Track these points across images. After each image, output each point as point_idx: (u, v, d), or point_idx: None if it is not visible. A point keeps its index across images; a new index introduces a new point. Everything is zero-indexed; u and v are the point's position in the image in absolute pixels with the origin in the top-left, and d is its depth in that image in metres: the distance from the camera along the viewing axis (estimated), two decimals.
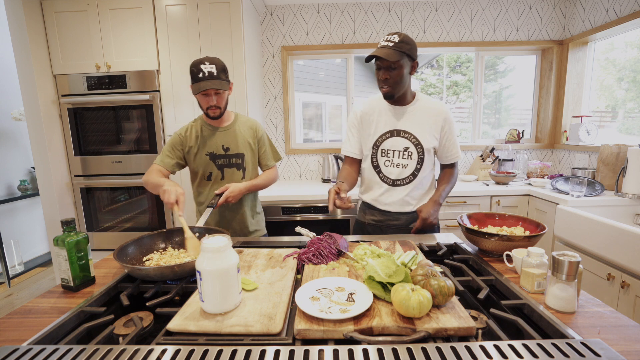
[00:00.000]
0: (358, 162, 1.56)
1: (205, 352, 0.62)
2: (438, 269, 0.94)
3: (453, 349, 0.61)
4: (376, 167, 1.48)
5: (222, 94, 1.46)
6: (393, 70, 1.31)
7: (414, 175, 1.45)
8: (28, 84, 2.28)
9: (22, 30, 2.22)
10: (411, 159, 1.44)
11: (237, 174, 1.58)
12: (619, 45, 2.63)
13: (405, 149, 1.43)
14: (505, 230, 1.20)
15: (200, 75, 1.39)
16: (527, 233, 1.16)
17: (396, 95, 1.38)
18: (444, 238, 1.33)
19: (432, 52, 3.16)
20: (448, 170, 1.56)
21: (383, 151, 1.46)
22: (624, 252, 1.67)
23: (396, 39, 1.29)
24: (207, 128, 1.56)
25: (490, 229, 1.22)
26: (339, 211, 2.48)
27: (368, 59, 1.32)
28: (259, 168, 1.69)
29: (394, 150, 1.44)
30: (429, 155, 1.45)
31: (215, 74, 1.40)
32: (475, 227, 1.21)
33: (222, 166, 1.56)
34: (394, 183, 1.46)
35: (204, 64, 1.40)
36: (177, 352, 0.62)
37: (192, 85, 1.43)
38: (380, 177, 1.48)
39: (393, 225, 1.50)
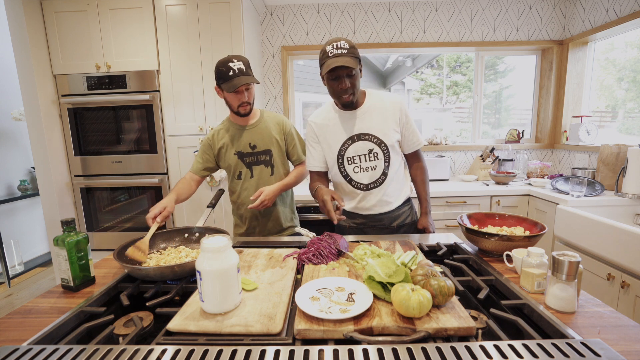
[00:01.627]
0: (325, 174, 1.54)
1: (205, 352, 0.62)
2: (438, 269, 0.94)
3: (453, 349, 0.61)
4: (346, 177, 1.45)
5: (252, 89, 1.47)
6: (352, 77, 1.29)
7: (384, 174, 1.43)
8: (28, 84, 2.28)
9: (22, 30, 2.22)
10: (378, 159, 1.41)
11: (265, 171, 1.57)
12: (619, 45, 2.63)
13: (370, 151, 1.41)
14: (505, 230, 1.20)
15: (231, 73, 1.37)
16: (527, 233, 1.16)
17: (355, 101, 1.36)
18: (444, 238, 1.32)
19: (432, 52, 3.16)
20: (416, 165, 1.53)
21: (349, 159, 1.43)
22: (624, 252, 1.67)
23: (346, 45, 1.26)
24: (234, 127, 1.55)
25: (490, 229, 1.22)
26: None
27: (333, 71, 1.25)
28: (289, 163, 1.68)
29: (359, 155, 1.42)
30: (394, 150, 1.43)
31: (244, 70, 1.40)
32: (475, 227, 1.21)
33: (251, 164, 1.56)
34: (367, 187, 1.44)
35: (232, 62, 1.38)
36: (177, 352, 0.62)
37: (224, 84, 1.40)
38: (353, 185, 1.45)
39: (375, 226, 1.49)
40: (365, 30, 2.94)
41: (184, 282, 0.97)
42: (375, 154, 1.41)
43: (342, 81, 1.29)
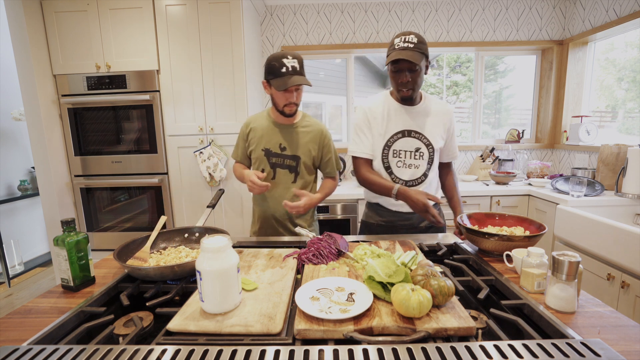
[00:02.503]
0: (371, 162, 1.50)
1: (205, 352, 0.62)
2: (438, 269, 0.94)
3: (453, 349, 0.61)
4: (387, 168, 1.45)
5: (301, 90, 1.41)
6: (414, 72, 1.29)
7: (425, 175, 1.44)
8: (28, 84, 2.28)
9: (22, 30, 2.22)
10: (422, 159, 1.43)
11: (288, 177, 1.51)
12: (619, 45, 2.63)
13: (417, 150, 1.42)
14: (505, 230, 1.20)
15: (284, 70, 1.32)
16: (527, 233, 1.16)
17: (414, 97, 1.38)
18: (444, 238, 1.33)
19: (432, 52, 3.15)
20: (449, 171, 1.57)
21: (395, 152, 1.43)
22: (624, 252, 1.67)
23: (414, 39, 1.25)
24: (270, 122, 1.50)
25: (490, 229, 1.22)
26: (339, 210, 2.48)
27: (394, 63, 1.27)
28: (316, 174, 1.62)
29: (405, 151, 1.42)
30: (437, 155, 1.46)
31: (298, 69, 1.34)
32: (475, 227, 1.21)
33: (275, 165, 1.50)
34: (406, 184, 1.44)
35: (287, 58, 1.32)
36: (177, 352, 0.62)
37: (274, 80, 1.35)
38: (392, 178, 1.45)
39: (404, 225, 1.49)
40: (365, 30, 2.94)
41: (184, 282, 0.97)
42: (421, 154, 1.43)
43: (403, 74, 1.30)
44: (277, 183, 1.51)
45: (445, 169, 1.57)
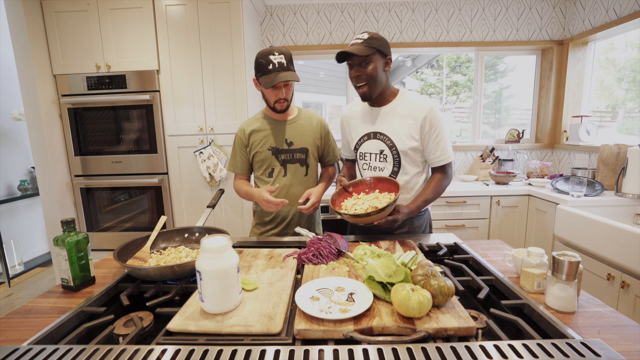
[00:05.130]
0: (352, 164, 1.60)
1: (205, 352, 0.62)
2: (438, 269, 0.94)
3: (453, 349, 0.61)
4: (359, 171, 1.49)
5: (291, 85, 1.40)
6: (365, 66, 1.25)
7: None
8: (28, 84, 2.28)
9: (22, 30, 2.22)
10: (386, 161, 1.38)
11: (300, 170, 1.51)
12: (619, 45, 2.63)
13: (381, 152, 1.38)
14: (377, 198, 1.24)
15: (271, 67, 1.31)
16: (393, 195, 1.21)
17: (374, 94, 1.31)
18: (444, 238, 1.33)
19: (432, 52, 3.15)
20: (436, 175, 1.38)
21: (361, 154, 1.44)
22: (624, 252, 1.67)
23: (365, 36, 1.25)
24: (269, 121, 1.49)
25: (362, 196, 1.29)
26: None
27: (339, 57, 1.26)
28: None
29: (370, 153, 1.41)
30: (409, 158, 1.35)
31: (285, 64, 1.33)
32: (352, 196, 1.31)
33: (285, 162, 1.49)
34: None
35: (273, 55, 1.32)
36: (177, 352, 0.62)
37: (262, 78, 1.34)
38: None
39: (378, 228, 1.40)
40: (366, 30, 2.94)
41: (184, 282, 0.97)
42: (385, 156, 1.38)
43: (353, 69, 1.27)
44: (290, 180, 1.50)
45: (434, 173, 1.40)
